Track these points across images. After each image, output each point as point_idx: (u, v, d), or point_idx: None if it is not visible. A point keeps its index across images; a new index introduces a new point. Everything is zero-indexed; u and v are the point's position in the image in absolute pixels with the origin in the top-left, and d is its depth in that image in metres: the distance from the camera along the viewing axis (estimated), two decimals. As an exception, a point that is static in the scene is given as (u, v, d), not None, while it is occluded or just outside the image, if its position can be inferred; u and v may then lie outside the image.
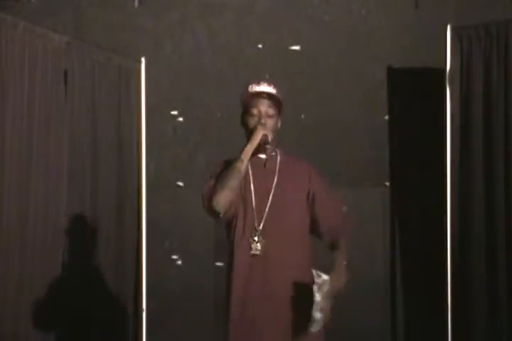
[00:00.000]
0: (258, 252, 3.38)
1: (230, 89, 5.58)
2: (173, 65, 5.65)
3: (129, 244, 5.33)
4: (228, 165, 3.42)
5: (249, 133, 3.46)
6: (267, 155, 3.51)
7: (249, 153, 3.40)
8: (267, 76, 5.51)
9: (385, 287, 5.35)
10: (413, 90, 5.33)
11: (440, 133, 4.81)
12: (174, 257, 5.59)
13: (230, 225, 3.46)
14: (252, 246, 3.39)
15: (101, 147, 5.06)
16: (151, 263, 5.42)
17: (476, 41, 4.69)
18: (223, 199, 3.35)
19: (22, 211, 4.32)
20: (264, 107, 3.46)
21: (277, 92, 3.49)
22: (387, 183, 5.42)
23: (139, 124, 5.42)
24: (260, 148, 3.44)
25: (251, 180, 3.46)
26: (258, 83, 3.49)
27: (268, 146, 3.45)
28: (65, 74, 4.67)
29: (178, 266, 5.59)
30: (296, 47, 5.53)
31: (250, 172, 3.47)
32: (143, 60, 5.43)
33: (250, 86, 3.49)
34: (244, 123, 3.52)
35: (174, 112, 5.63)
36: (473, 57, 4.71)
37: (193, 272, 5.55)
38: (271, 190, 3.45)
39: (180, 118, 5.63)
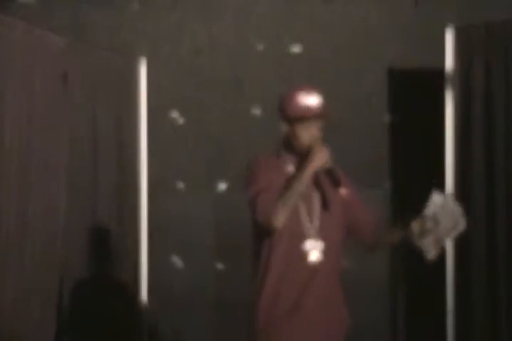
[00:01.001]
0: (314, 258, 3.33)
1: (230, 89, 5.59)
2: (173, 65, 5.65)
3: (129, 244, 5.33)
4: (288, 182, 3.28)
5: (306, 151, 3.33)
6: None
7: (310, 175, 3.29)
8: (267, 77, 5.54)
9: (385, 287, 5.35)
10: (413, 90, 5.33)
11: (440, 133, 4.81)
12: (174, 258, 5.59)
13: (266, 231, 3.37)
14: (308, 252, 3.34)
15: (101, 147, 5.06)
16: (151, 264, 5.43)
17: (476, 41, 4.69)
18: (282, 218, 3.26)
19: (22, 211, 4.32)
20: (317, 130, 3.37)
21: (324, 104, 3.37)
22: (387, 183, 5.42)
23: (139, 124, 5.42)
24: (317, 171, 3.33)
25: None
26: (308, 93, 3.35)
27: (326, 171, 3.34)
28: (65, 75, 4.67)
29: (179, 266, 5.59)
30: (296, 48, 5.53)
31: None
32: (143, 60, 5.43)
33: (302, 96, 3.33)
34: (293, 134, 3.36)
35: (174, 112, 5.63)
36: (473, 57, 4.70)
37: (194, 273, 5.55)
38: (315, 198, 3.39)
39: (181, 119, 5.64)
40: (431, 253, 3.20)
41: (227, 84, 5.57)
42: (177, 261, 5.59)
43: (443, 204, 3.20)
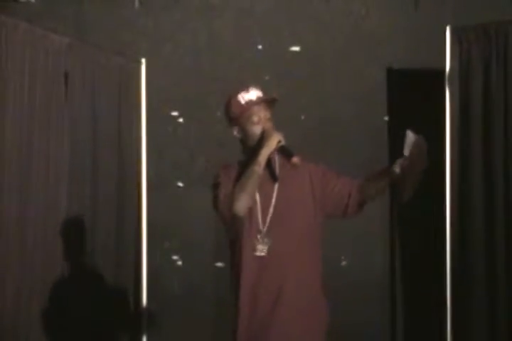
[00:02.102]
0: (263, 253, 3.39)
1: (230, 89, 5.58)
2: (173, 65, 5.65)
3: (129, 244, 5.33)
4: (243, 169, 3.41)
5: (258, 140, 3.44)
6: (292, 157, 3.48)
7: (266, 157, 3.39)
8: (267, 77, 5.54)
9: (385, 287, 5.35)
10: (413, 90, 5.33)
11: (440, 133, 4.81)
12: (174, 257, 5.59)
13: (234, 226, 3.47)
14: (257, 247, 3.40)
15: (101, 147, 5.06)
16: (151, 264, 5.43)
17: (475, 42, 4.69)
18: (245, 205, 3.36)
19: (22, 211, 4.32)
20: (263, 113, 3.47)
21: (264, 94, 3.52)
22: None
23: (139, 124, 5.42)
24: (274, 152, 3.42)
25: None
26: (246, 91, 3.52)
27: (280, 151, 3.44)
28: (66, 75, 4.67)
29: (178, 266, 5.60)
30: (296, 48, 5.54)
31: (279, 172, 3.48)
32: (143, 60, 5.43)
33: (239, 96, 3.51)
34: (245, 133, 3.49)
35: (174, 112, 5.63)
36: (472, 57, 4.71)
37: (193, 272, 5.55)
38: (273, 191, 3.45)
39: (181, 119, 5.64)
40: (409, 193, 3.24)
41: (228, 83, 5.57)
42: (177, 259, 5.59)
43: (416, 144, 3.25)
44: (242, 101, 3.50)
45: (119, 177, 5.25)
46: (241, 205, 3.36)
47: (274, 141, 3.40)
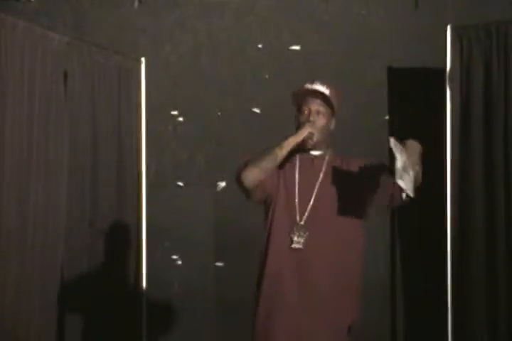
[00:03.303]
0: (299, 246, 3.38)
1: (230, 89, 5.59)
2: (173, 65, 5.65)
3: (129, 244, 5.33)
4: (267, 148, 3.43)
5: (297, 129, 3.48)
6: (316, 153, 3.51)
7: (291, 144, 3.40)
8: (267, 76, 5.54)
9: (385, 287, 5.35)
10: (413, 90, 5.33)
11: (440, 133, 4.81)
12: (174, 257, 5.59)
13: (268, 215, 3.47)
14: (294, 239, 3.39)
15: (101, 147, 5.05)
16: (151, 263, 5.43)
17: (476, 41, 4.69)
18: (252, 176, 3.36)
19: (22, 211, 4.32)
20: (314, 106, 3.48)
21: (331, 93, 3.50)
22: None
23: (139, 124, 5.42)
24: (305, 144, 3.44)
25: (296, 175, 3.48)
26: (312, 82, 3.51)
27: (311, 144, 3.45)
28: (65, 74, 4.67)
29: (178, 266, 5.59)
30: (296, 47, 5.53)
31: (297, 166, 3.50)
32: (143, 60, 5.43)
33: (305, 85, 3.51)
34: (296, 121, 3.52)
35: (174, 112, 5.63)
36: (473, 57, 4.71)
37: (193, 272, 5.55)
38: (315, 187, 3.45)
39: (180, 118, 5.63)
40: (411, 190, 3.22)
41: (228, 83, 5.57)
42: (177, 259, 5.59)
43: (402, 146, 3.25)
44: (301, 89, 3.51)
45: (119, 177, 5.24)
46: (246, 175, 3.36)
47: (305, 131, 3.41)
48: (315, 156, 3.51)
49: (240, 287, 4.71)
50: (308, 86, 3.50)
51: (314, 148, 3.50)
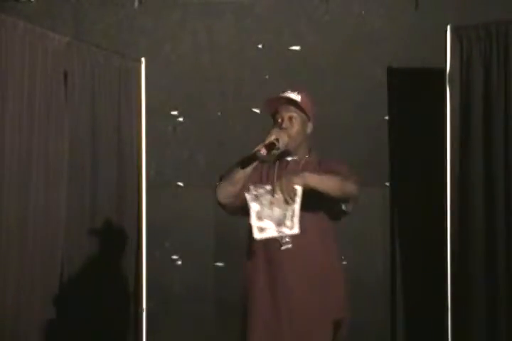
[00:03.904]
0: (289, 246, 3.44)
1: (230, 89, 5.59)
2: (173, 65, 5.65)
3: (129, 244, 5.33)
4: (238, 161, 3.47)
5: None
6: (292, 158, 3.54)
7: (258, 148, 3.39)
8: (267, 76, 5.54)
9: (385, 287, 5.35)
10: (413, 90, 5.34)
11: (440, 133, 4.81)
12: (174, 257, 5.59)
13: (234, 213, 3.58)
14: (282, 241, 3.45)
15: (101, 147, 5.05)
16: (151, 263, 5.43)
17: (476, 41, 4.69)
18: (223, 191, 3.47)
19: (22, 211, 4.32)
20: (286, 113, 3.50)
21: (302, 98, 3.52)
22: (387, 183, 5.42)
23: (139, 124, 5.42)
24: (271, 149, 3.42)
25: (275, 181, 3.47)
26: (283, 91, 3.54)
27: (275, 151, 3.44)
28: (65, 74, 4.67)
29: (178, 266, 5.59)
30: (296, 48, 5.53)
31: (276, 172, 3.52)
32: (143, 60, 5.43)
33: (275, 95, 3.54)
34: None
35: (174, 112, 5.63)
36: (473, 57, 4.70)
37: (193, 272, 5.55)
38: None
39: (180, 118, 5.63)
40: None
41: (228, 83, 5.57)
42: (177, 259, 5.59)
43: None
44: (269, 99, 3.53)
45: (119, 177, 5.24)
46: (219, 191, 3.48)
47: (269, 138, 3.41)
48: (289, 161, 3.54)
49: (239, 287, 4.71)
50: (280, 95, 3.52)
51: (290, 154, 3.52)
